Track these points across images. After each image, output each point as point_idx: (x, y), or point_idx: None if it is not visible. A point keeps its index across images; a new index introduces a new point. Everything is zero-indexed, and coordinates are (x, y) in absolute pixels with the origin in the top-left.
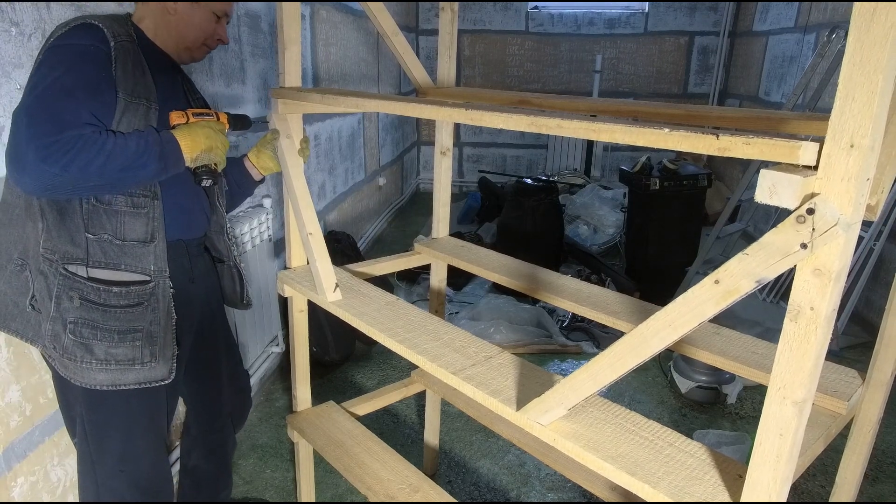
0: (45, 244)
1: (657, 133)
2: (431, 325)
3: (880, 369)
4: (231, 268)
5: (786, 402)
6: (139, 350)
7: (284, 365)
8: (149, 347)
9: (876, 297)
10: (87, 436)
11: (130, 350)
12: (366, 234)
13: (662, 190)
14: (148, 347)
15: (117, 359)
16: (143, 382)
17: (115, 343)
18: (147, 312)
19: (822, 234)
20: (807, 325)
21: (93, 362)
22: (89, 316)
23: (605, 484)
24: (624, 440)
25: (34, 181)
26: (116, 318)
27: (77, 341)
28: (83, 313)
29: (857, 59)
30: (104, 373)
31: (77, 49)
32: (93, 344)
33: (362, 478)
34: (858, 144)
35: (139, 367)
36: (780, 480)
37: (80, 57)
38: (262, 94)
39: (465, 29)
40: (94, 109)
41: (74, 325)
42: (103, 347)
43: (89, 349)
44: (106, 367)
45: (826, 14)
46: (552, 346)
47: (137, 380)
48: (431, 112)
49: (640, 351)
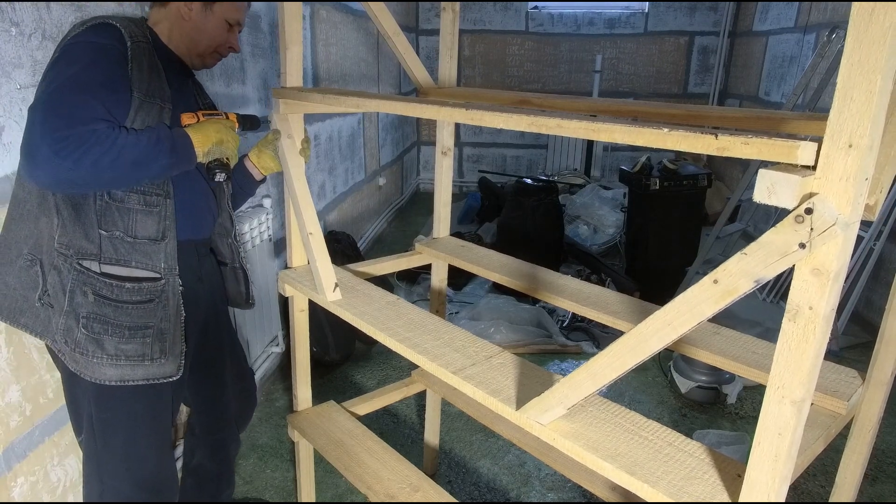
0: (61, 239)
1: (656, 133)
2: (432, 325)
3: (880, 369)
4: (236, 269)
5: (784, 402)
6: (149, 346)
7: (284, 365)
8: (158, 344)
9: (876, 297)
10: (95, 434)
11: (140, 346)
12: (366, 234)
13: (662, 190)
14: (158, 344)
15: (127, 354)
16: (151, 378)
17: (125, 339)
18: (158, 309)
19: (821, 233)
20: (805, 324)
21: (103, 357)
22: (102, 311)
23: (605, 484)
24: (623, 440)
25: (47, 175)
26: (128, 314)
27: (89, 336)
28: (96, 308)
29: (856, 59)
30: (114, 368)
31: (94, 46)
32: (104, 339)
33: (362, 477)
34: (857, 144)
35: (148, 363)
36: (778, 480)
37: (97, 54)
38: (263, 94)
39: (466, 29)
40: (109, 106)
41: (87, 319)
42: (114, 343)
43: (100, 344)
44: (116, 363)
45: (826, 14)
46: (552, 345)
47: (146, 376)
48: (432, 112)
49: (639, 350)
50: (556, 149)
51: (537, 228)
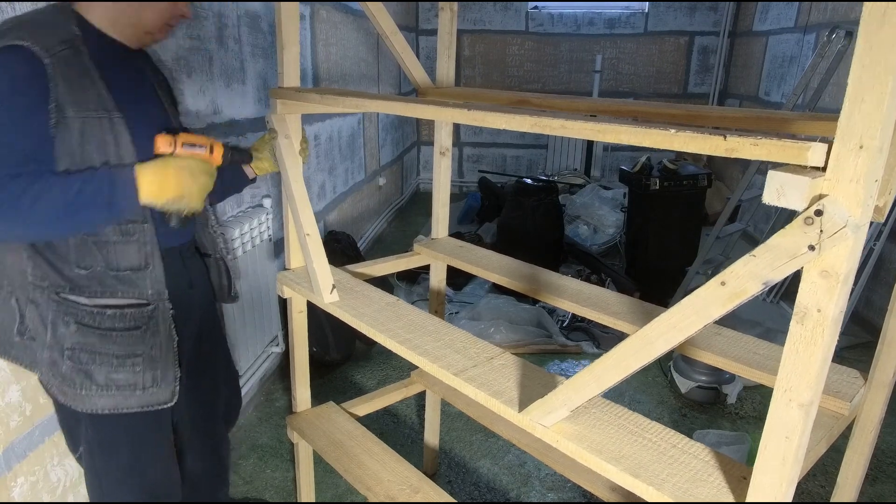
0: (35, 272)
1: (663, 134)
2: (432, 326)
3: (882, 370)
4: (217, 260)
5: (792, 405)
6: (140, 375)
7: (284, 365)
8: (150, 372)
9: (876, 297)
10: (94, 455)
11: (132, 375)
12: (366, 234)
13: (662, 190)
14: (150, 372)
15: (118, 384)
16: (145, 406)
17: (114, 368)
18: (147, 336)
19: (831, 235)
20: (814, 327)
21: (93, 388)
22: (87, 340)
23: (605, 484)
24: (627, 442)
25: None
26: (114, 342)
27: (76, 367)
28: (80, 338)
29: (867, 61)
30: (105, 398)
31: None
32: (92, 369)
33: (362, 479)
34: (867, 146)
35: (140, 392)
36: (785, 483)
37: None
38: (263, 94)
39: (465, 29)
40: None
41: (73, 350)
42: (104, 372)
43: (89, 375)
44: (107, 392)
45: (826, 14)
46: (552, 346)
47: (140, 404)
48: (432, 112)
49: (644, 353)
50: (556, 149)
51: (537, 228)
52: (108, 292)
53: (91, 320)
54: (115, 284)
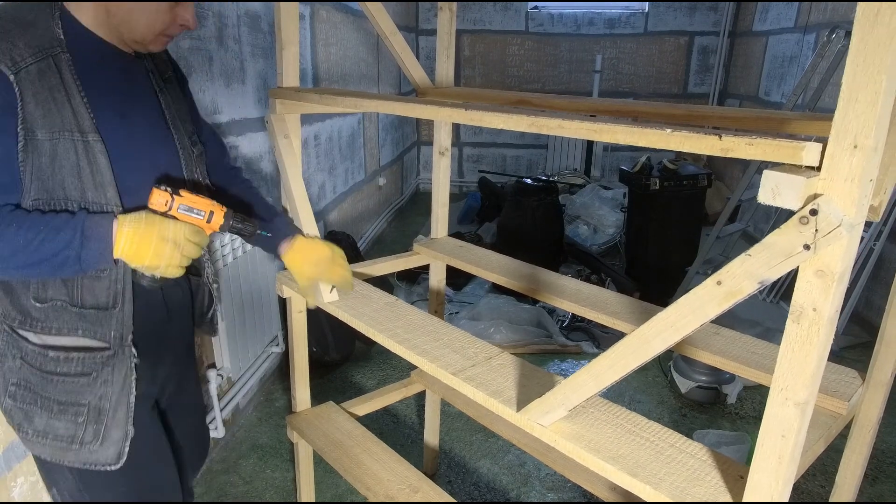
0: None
1: (659, 134)
2: (431, 326)
3: (880, 369)
4: (203, 284)
5: (788, 404)
6: (81, 427)
7: (284, 365)
8: (93, 426)
9: (876, 297)
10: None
11: (72, 426)
12: (366, 234)
13: (662, 190)
14: (92, 426)
15: (56, 433)
16: (86, 464)
17: (54, 414)
18: (96, 385)
19: (826, 234)
20: (809, 326)
21: (29, 432)
22: (29, 379)
23: (605, 484)
24: (625, 441)
25: None
26: (54, 387)
27: (16, 406)
28: (24, 375)
29: (861, 60)
30: (41, 446)
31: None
32: (32, 411)
33: (362, 478)
34: (862, 145)
35: (77, 447)
36: (782, 482)
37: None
38: (262, 94)
39: (465, 29)
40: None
41: (17, 387)
42: (44, 417)
43: (28, 416)
44: (44, 440)
45: (826, 14)
46: (552, 346)
47: (79, 460)
48: (431, 112)
49: (641, 352)
50: (556, 149)
51: (537, 228)
52: (64, 329)
53: (33, 360)
54: (76, 322)
